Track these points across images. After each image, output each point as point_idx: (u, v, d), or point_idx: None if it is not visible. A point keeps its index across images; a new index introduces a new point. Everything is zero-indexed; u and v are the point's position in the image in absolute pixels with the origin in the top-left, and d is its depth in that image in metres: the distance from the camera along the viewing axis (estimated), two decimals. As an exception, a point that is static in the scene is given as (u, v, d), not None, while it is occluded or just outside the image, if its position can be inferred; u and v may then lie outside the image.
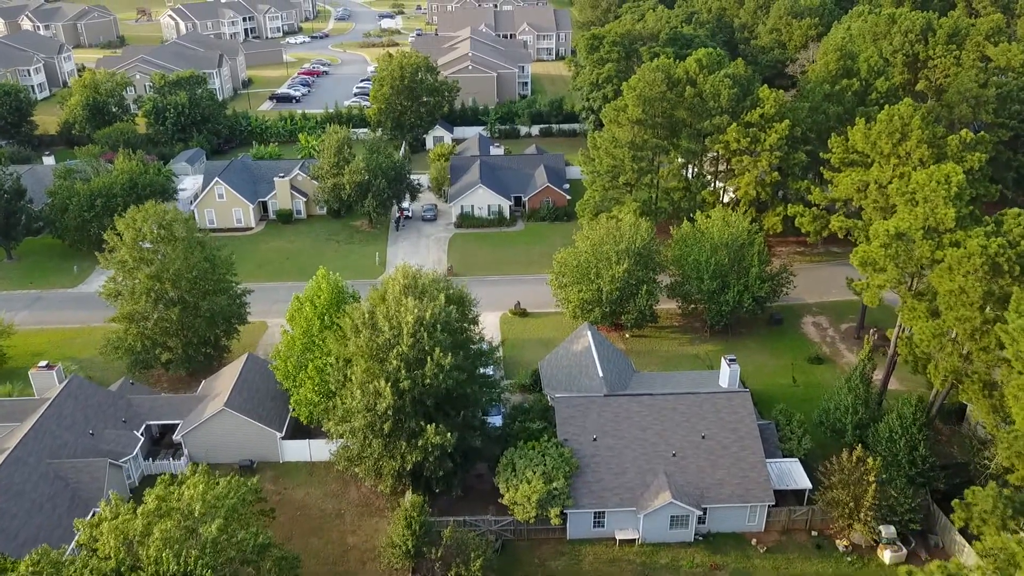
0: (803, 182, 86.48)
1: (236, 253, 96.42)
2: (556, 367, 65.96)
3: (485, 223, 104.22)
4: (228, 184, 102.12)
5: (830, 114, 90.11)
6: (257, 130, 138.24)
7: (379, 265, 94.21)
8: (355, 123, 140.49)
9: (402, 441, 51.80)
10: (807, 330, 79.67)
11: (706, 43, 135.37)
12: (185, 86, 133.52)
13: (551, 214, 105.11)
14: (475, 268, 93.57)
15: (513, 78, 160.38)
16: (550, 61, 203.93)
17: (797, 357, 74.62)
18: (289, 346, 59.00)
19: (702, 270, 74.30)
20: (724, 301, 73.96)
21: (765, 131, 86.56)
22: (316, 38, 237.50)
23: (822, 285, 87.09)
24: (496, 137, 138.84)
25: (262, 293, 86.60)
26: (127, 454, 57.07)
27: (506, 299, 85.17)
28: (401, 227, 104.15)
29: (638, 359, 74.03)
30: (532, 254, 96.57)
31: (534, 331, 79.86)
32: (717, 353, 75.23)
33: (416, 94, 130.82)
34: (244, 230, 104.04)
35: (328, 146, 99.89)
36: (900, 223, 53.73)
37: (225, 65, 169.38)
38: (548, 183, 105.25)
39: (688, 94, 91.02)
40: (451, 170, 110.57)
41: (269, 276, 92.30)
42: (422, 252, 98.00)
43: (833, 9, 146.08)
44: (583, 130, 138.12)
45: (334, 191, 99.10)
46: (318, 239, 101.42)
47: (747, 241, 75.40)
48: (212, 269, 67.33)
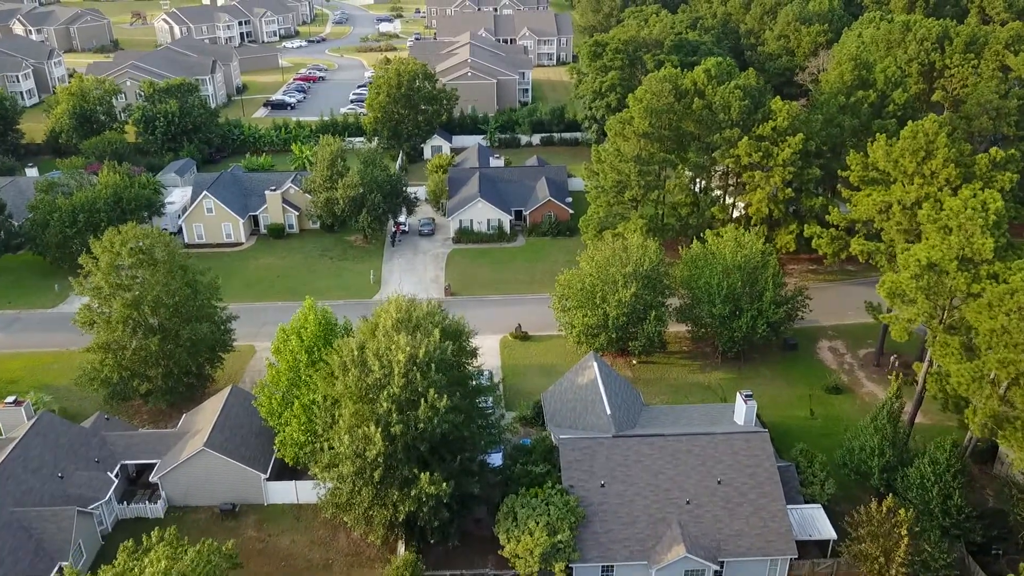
0: (817, 199, 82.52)
1: (225, 270, 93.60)
2: (560, 400, 61.95)
3: (484, 238, 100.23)
4: (217, 198, 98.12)
5: (845, 127, 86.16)
6: (250, 139, 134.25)
7: (374, 283, 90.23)
8: (351, 132, 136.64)
9: (394, 490, 47.84)
10: (823, 356, 75.63)
11: (712, 50, 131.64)
12: (176, 94, 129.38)
13: (553, 229, 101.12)
14: (474, 287, 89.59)
15: (513, 85, 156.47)
16: (551, 67, 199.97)
17: (814, 386, 70.61)
18: (274, 381, 55.00)
19: (713, 294, 70.33)
20: (737, 327, 69.98)
21: (778, 145, 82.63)
22: (313, 42, 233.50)
23: (837, 306, 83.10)
24: (495, 146, 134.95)
25: (251, 314, 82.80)
26: (99, 498, 53.02)
27: (506, 321, 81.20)
28: (397, 242, 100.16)
29: (646, 388, 70.07)
30: (534, 272, 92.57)
31: (536, 356, 75.83)
32: (729, 382, 71.36)
33: (414, 102, 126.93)
34: (234, 246, 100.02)
35: (321, 159, 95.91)
36: (932, 252, 49.75)
37: (218, 71, 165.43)
38: (550, 197, 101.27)
39: (696, 106, 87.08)
40: (449, 182, 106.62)
41: (258, 296, 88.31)
42: (419, 269, 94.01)
43: (842, 15, 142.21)
44: (585, 139, 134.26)
45: (327, 206, 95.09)
46: (311, 255, 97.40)
47: (760, 263, 71.45)
48: (194, 295, 63.23)
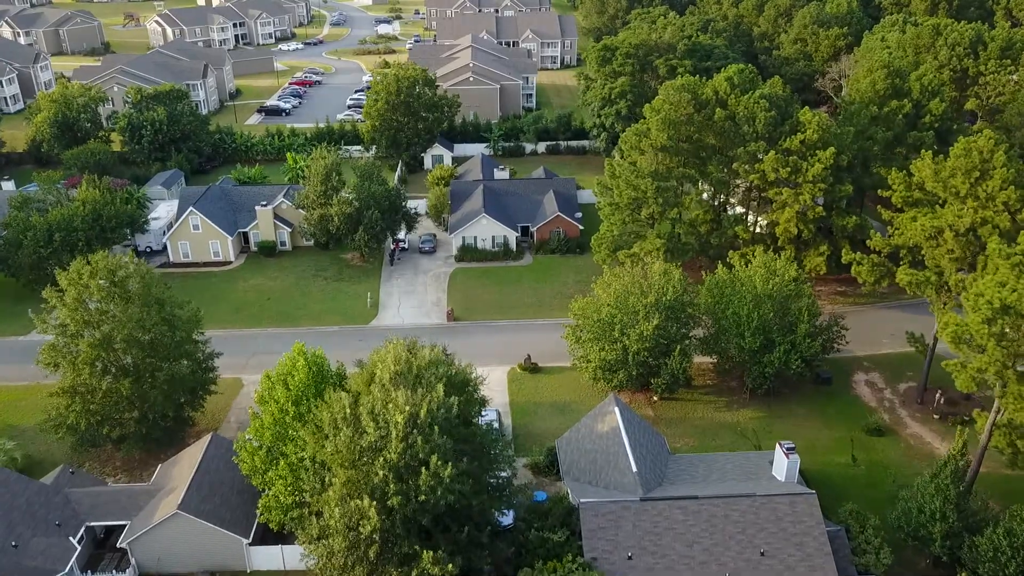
0: (851, 218, 76.37)
1: (211, 293, 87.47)
2: (578, 450, 55.81)
3: (489, 256, 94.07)
4: (204, 214, 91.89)
5: (878, 139, 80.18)
6: (242, 148, 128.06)
7: (371, 308, 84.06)
8: (348, 140, 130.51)
9: (391, 567, 41.72)
10: (860, 391, 69.46)
11: (727, 54, 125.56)
12: (164, 100, 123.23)
13: (562, 246, 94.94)
14: (478, 311, 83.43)
15: (517, 90, 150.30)
16: (555, 70, 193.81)
17: (853, 427, 64.44)
18: (258, 434, 48.79)
19: (742, 325, 64.17)
20: (768, 362, 63.85)
21: (807, 159, 76.50)
22: (310, 44, 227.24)
23: (872, 333, 76.89)
24: (499, 155, 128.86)
25: (238, 343, 76.75)
26: (58, 570, 46.87)
27: (514, 349, 75.07)
28: (396, 261, 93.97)
29: (669, 429, 63.92)
30: (542, 294, 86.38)
31: (547, 391, 69.65)
32: (760, 421, 65.21)
33: (413, 110, 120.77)
34: (222, 264, 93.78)
35: (314, 172, 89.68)
36: (1006, 294, 43.61)
37: (211, 75, 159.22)
38: (559, 211, 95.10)
39: (718, 117, 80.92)
40: (451, 196, 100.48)
41: (247, 321, 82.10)
42: (419, 291, 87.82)
43: (862, 18, 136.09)
44: (593, 147, 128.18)
45: (321, 223, 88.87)
46: (304, 275, 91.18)
47: (794, 292, 65.33)
48: (171, 331, 56.97)
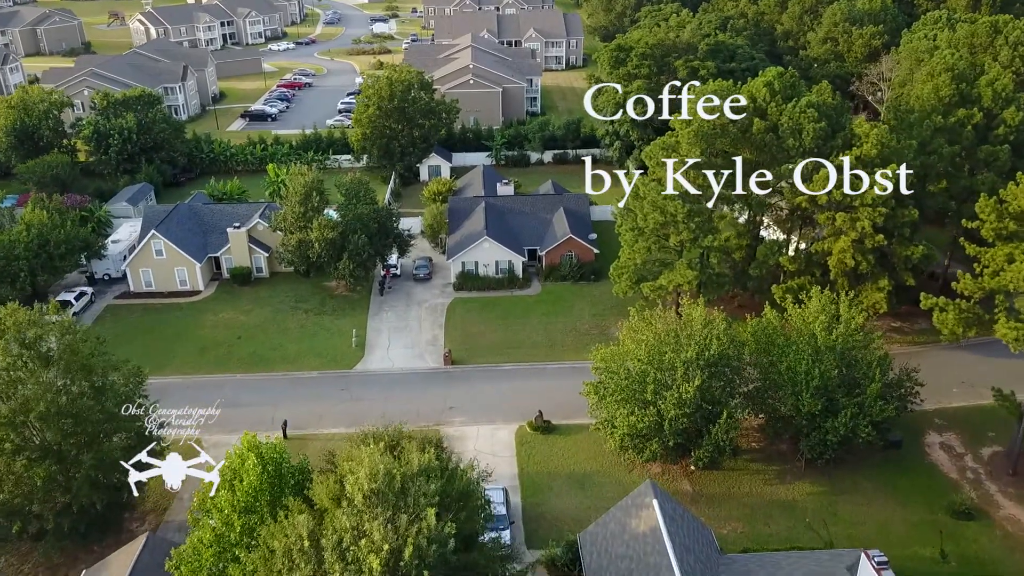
0: (917, 248, 65.33)
1: (175, 329, 76.35)
2: (607, 550, 44.73)
3: (492, 284, 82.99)
4: (168, 238, 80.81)
5: (944, 154, 69.17)
6: (221, 158, 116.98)
7: (356, 348, 73.00)
8: (337, 148, 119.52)
9: None
10: (936, 457, 58.39)
11: (752, 55, 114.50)
12: (134, 106, 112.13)
13: (575, 273, 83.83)
14: (480, 351, 72.39)
15: (521, 93, 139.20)
16: (560, 71, 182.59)
17: (934, 506, 53.40)
18: (194, 552, 37.62)
19: (799, 384, 53.16)
20: (831, 428, 52.83)
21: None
22: (301, 44, 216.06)
23: (939, 380, 65.23)
24: (501, 164, 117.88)
25: (200, 392, 65.64)
26: None
27: (522, 401, 64.14)
28: (387, 290, 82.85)
29: (711, 511, 52.93)
30: (554, 330, 75.31)
31: (564, 458, 58.54)
32: (819, 499, 54.16)
33: (408, 116, 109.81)
34: (189, 295, 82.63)
35: (293, 192, 78.51)
36: None
37: (191, 77, 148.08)
38: (570, 233, 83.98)
39: (757, 128, 69.89)
40: (450, 214, 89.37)
41: (213, 365, 71.01)
42: (412, 327, 76.71)
43: (897, 15, 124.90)
44: (605, 157, 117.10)
45: (299, 249, 77.73)
46: (281, 308, 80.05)
47: (862, 343, 54.32)
48: (100, 402, 45.84)
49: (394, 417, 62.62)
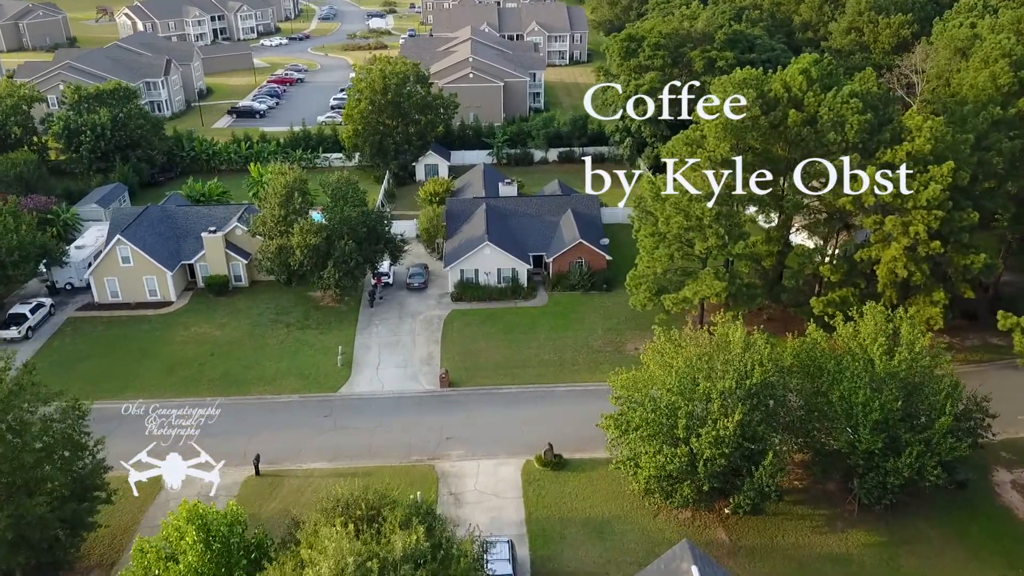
0: (978, 256, 57.56)
1: (139, 345, 68.48)
2: (633, 628, 36.92)
3: (494, 294, 75.19)
4: (136, 243, 73.01)
5: (1003, 150, 61.37)
6: (203, 156, 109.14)
7: (342, 367, 65.19)
8: (327, 146, 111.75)
9: None
10: (1009, 499, 50.48)
11: (772, 46, 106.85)
12: (109, 100, 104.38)
13: (585, 281, 76.01)
14: (481, 371, 64.55)
15: (523, 88, 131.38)
16: (564, 67, 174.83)
17: (1015, 560, 45.58)
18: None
19: (855, 417, 45.35)
20: (893, 469, 45.03)
21: (917, 178, 57.70)
22: (295, 40, 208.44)
23: (1005, 406, 55.23)
24: (503, 163, 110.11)
25: (163, 419, 57.76)
26: None
27: (529, 430, 56.37)
28: (378, 301, 75.04)
29: (753, 566, 45.11)
30: (563, 347, 67.48)
31: (578, 500, 50.63)
32: (877, 551, 46.32)
33: (403, 111, 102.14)
34: (159, 306, 74.83)
35: (273, 193, 70.70)
36: None
37: (175, 72, 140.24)
38: (580, 238, 76.15)
39: (792, 121, 62.10)
40: (447, 217, 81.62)
41: (181, 387, 63.09)
42: (405, 343, 68.87)
43: (925, 3, 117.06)
44: (614, 155, 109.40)
45: (279, 256, 69.91)
46: (261, 320, 72.22)
47: (928, 368, 46.56)
48: (18, 450, 37.96)
49: (381, 450, 55.17)
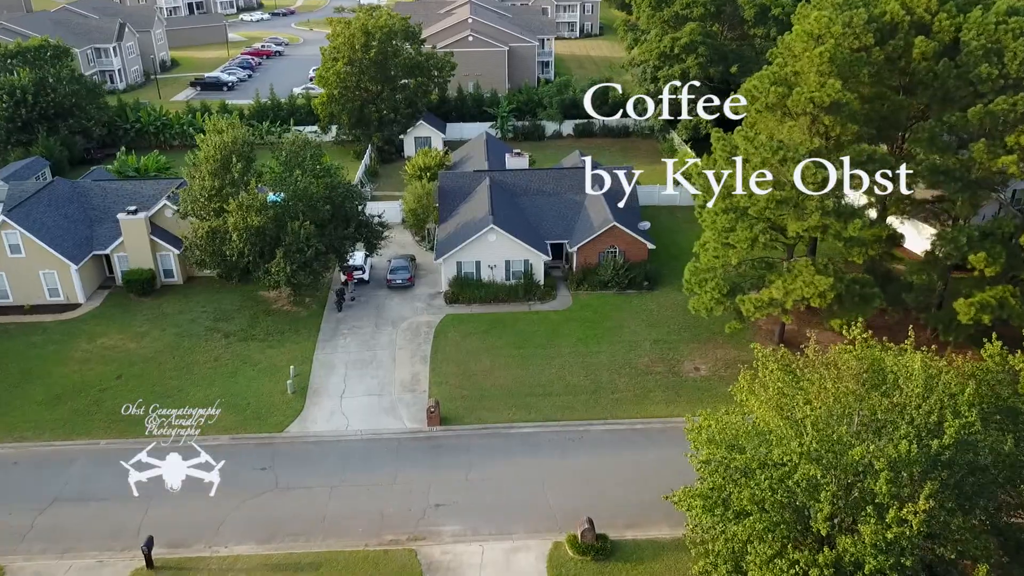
0: None
1: (23, 364, 49.87)
2: None
3: (500, 294, 57.34)
4: (29, 227, 55.20)
5: None
6: (151, 128, 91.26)
7: (293, 395, 47.26)
8: (300, 117, 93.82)
9: None
10: None
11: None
12: (33, 61, 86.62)
13: (620, 277, 58.14)
14: (483, 402, 46.65)
15: (531, 54, 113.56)
16: (574, 39, 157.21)
17: None
18: None
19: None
20: None
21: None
22: (278, 15, 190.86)
23: None
24: (509, 139, 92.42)
25: (30, 474, 40.39)
26: None
27: (555, 493, 38.69)
28: (348, 304, 57.19)
29: None
30: (596, 366, 49.62)
31: (635, 612, 33.02)
32: None
33: (389, 74, 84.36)
34: (64, 309, 56.93)
35: (205, 157, 52.71)
36: None
37: (130, 39, 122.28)
38: (613, 221, 58.26)
39: (919, 52, 44.37)
40: (441, 195, 63.82)
41: (66, 424, 45.08)
42: (382, 360, 50.90)
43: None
44: (639, 128, 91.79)
45: (212, 242, 51.94)
46: (191, 330, 54.30)
47: None
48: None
49: (340, 525, 37.10)
